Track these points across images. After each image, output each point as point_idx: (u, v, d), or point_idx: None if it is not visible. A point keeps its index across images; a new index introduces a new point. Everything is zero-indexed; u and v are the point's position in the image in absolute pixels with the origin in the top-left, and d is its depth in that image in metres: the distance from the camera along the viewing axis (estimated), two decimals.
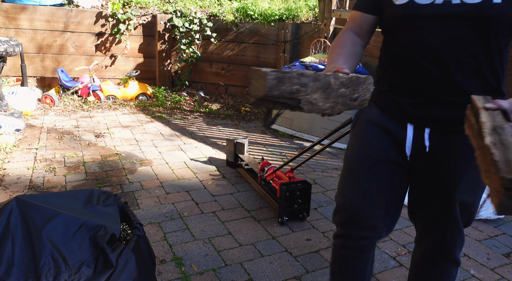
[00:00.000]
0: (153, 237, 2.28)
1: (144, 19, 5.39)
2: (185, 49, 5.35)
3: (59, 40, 5.17)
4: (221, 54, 5.44)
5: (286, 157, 3.67)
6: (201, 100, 5.34)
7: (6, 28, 4.93)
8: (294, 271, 2.04)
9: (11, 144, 3.50)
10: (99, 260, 1.26)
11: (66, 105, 4.87)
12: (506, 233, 2.52)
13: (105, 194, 1.57)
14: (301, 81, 0.88)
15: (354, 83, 1.00)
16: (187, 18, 5.27)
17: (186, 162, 3.42)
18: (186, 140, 4.00)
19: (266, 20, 5.09)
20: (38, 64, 5.19)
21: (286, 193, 2.42)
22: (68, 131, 4.03)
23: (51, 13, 5.04)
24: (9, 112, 4.00)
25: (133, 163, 3.33)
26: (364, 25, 1.28)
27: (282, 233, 2.40)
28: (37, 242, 1.23)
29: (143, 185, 2.94)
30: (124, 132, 4.12)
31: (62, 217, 1.30)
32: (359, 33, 1.29)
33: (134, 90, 5.24)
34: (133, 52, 5.47)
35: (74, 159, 3.34)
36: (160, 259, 2.07)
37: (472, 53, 1.10)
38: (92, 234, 1.30)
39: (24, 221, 1.27)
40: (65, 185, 2.86)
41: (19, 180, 2.90)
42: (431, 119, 1.20)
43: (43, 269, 1.20)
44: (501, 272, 2.12)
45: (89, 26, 5.20)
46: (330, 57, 1.24)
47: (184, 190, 2.91)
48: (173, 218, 2.49)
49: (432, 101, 1.18)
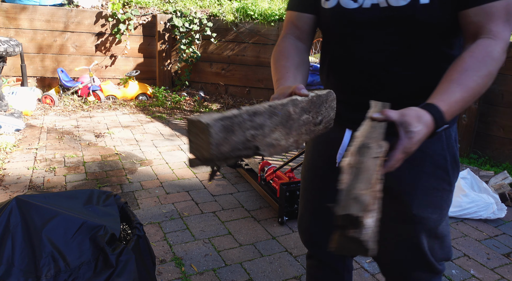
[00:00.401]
0: (153, 237, 2.28)
1: (144, 19, 5.38)
2: (185, 49, 5.35)
3: (59, 40, 5.17)
4: (221, 54, 5.44)
5: (286, 157, 3.67)
6: (201, 100, 5.34)
7: (6, 28, 4.93)
8: (294, 271, 2.04)
9: (11, 144, 3.50)
10: (99, 260, 1.26)
11: (66, 105, 4.87)
12: (506, 233, 2.52)
13: (105, 194, 1.56)
14: (255, 122, 0.67)
15: (316, 104, 0.84)
16: (187, 18, 5.26)
17: (186, 162, 3.42)
18: (186, 140, 3.99)
19: (266, 20, 5.09)
20: (38, 64, 5.19)
21: (286, 193, 2.42)
22: (68, 131, 4.03)
23: (51, 13, 5.04)
24: (9, 112, 4.00)
25: (133, 163, 3.33)
26: (304, 27, 1.13)
27: (282, 233, 2.39)
28: (37, 242, 1.23)
29: (143, 185, 2.94)
30: (124, 132, 4.12)
31: (62, 217, 1.30)
32: (300, 37, 1.14)
33: (134, 90, 5.24)
34: (133, 52, 5.46)
35: (74, 159, 3.34)
36: (160, 259, 2.07)
37: (404, 64, 0.99)
38: (92, 234, 1.30)
39: (24, 221, 1.27)
40: (65, 185, 2.86)
41: (19, 180, 2.90)
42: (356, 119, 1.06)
43: (43, 269, 1.20)
44: (501, 272, 2.12)
45: (89, 26, 5.20)
46: (277, 72, 1.06)
47: (184, 190, 2.91)
48: (173, 218, 2.49)
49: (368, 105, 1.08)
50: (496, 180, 3.01)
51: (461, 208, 2.61)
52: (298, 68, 1.06)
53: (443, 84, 0.86)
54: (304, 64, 1.10)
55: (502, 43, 0.88)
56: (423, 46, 0.97)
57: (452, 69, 0.88)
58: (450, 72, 0.88)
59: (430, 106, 0.81)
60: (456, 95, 0.83)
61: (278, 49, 1.13)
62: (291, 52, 1.10)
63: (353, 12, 0.98)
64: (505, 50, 0.89)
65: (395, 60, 0.99)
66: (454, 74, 0.86)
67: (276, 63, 1.09)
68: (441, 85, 0.86)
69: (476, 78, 0.85)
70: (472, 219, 2.65)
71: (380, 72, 1.01)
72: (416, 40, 0.96)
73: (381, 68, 1.01)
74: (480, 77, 0.85)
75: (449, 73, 0.87)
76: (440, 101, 0.82)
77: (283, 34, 1.15)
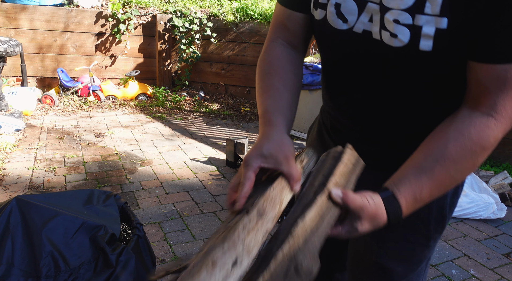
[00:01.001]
0: (153, 237, 2.28)
1: (144, 19, 5.38)
2: (185, 49, 5.35)
3: (59, 40, 5.17)
4: (221, 54, 5.44)
5: None
6: (201, 100, 5.35)
7: (6, 28, 4.93)
8: None
9: (11, 144, 3.50)
10: (99, 260, 1.26)
11: (66, 105, 4.87)
12: (506, 233, 2.52)
13: (105, 194, 1.57)
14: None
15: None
16: (187, 18, 5.27)
17: (186, 162, 3.42)
18: (186, 140, 4.00)
19: (266, 20, 5.09)
20: (38, 64, 5.19)
21: None
22: (68, 131, 4.03)
23: (51, 13, 5.04)
24: (9, 112, 4.00)
25: (133, 163, 3.33)
26: (296, 29, 0.90)
27: None
28: (37, 242, 1.23)
29: (143, 185, 2.94)
30: (124, 132, 4.12)
31: (62, 217, 1.30)
32: (293, 42, 0.91)
33: (134, 90, 5.24)
34: (133, 52, 5.46)
35: (74, 159, 3.34)
36: (160, 259, 2.07)
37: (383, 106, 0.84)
38: (92, 234, 1.30)
39: (24, 221, 1.27)
40: (65, 185, 2.86)
41: (19, 180, 2.90)
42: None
43: (43, 269, 1.20)
44: (501, 272, 2.12)
45: (89, 26, 5.20)
46: (265, 96, 0.85)
47: (184, 190, 2.91)
48: (173, 218, 2.49)
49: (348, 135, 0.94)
50: (496, 180, 3.02)
51: (461, 208, 2.62)
52: (292, 91, 0.86)
53: (414, 169, 0.71)
54: (298, 82, 0.90)
55: (504, 124, 0.69)
56: (410, 92, 0.80)
57: (430, 149, 0.72)
58: (426, 153, 0.72)
59: (392, 203, 0.68)
60: (424, 192, 0.69)
61: (267, 59, 0.91)
62: (283, 65, 0.88)
63: (340, 34, 0.79)
64: (506, 132, 0.71)
65: (374, 101, 0.84)
66: (430, 160, 0.70)
67: (264, 79, 0.88)
68: (411, 168, 0.71)
69: (454, 173, 0.70)
70: (472, 219, 2.65)
71: (357, 108, 0.87)
72: (403, 86, 0.79)
73: (357, 105, 0.87)
74: (460, 172, 0.71)
75: (425, 154, 0.71)
76: (404, 196, 0.69)
77: (272, 37, 0.93)
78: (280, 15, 0.91)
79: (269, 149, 0.72)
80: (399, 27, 0.70)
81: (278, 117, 0.80)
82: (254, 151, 0.72)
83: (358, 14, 0.76)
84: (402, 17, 0.69)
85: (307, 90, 3.89)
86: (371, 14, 0.74)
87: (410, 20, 0.69)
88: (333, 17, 0.79)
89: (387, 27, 0.72)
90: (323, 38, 0.86)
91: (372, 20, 0.74)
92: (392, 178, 0.72)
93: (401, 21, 0.69)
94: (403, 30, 0.70)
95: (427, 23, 0.68)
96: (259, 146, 0.73)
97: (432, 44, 0.68)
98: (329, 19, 0.80)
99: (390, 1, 0.70)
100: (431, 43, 0.68)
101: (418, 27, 0.68)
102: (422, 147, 0.73)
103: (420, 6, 0.67)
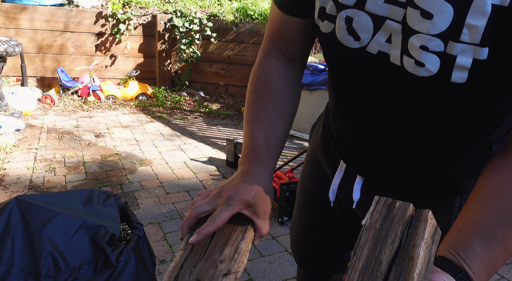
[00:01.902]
0: (153, 237, 2.28)
1: (144, 19, 5.39)
2: (185, 49, 5.35)
3: (59, 40, 5.17)
4: (221, 54, 5.44)
5: (286, 157, 3.67)
6: (201, 100, 5.35)
7: (6, 28, 4.93)
8: (294, 271, 2.04)
9: (11, 144, 3.50)
10: (99, 260, 1.26)
11: (66, 105, 4.87)
12: None
13: (105, 194, 1.57)
14: None
15: None
16: (187, 18, 5.27)
17: (186, 162, 3.42)
18: (186, 140, 4.00)
19: (266, 20, 5.09)
20: (38, 64, 5.19)
21: (286, 193, 2.42)
22: (68, 131, 4.03)
23: (51, 13, 5.04)
24: (9, 112, 4.00)
25: (133, 163, 3.33)
26: (294, 37, 0.79)
27: (282, 233, 2.39)
28: (37, 242, 1.23)
29: (143, 185, 2.94)
30: (124, 132, 4.12)
31: (62, 217, 1.30)
32: (290, 54, 0.81)
33: (134, 90, 5.24)
34: (133, 52, 5.47)
35: (74, 159, 3.34)
36: (160, 259, 2.07)
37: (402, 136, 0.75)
38: (92, 234, 1.30)
39: (24, 221, 1.27)
40: (65, 185, 2.86)
41: (19, 180, 2.90)
42: (364, 167, 0.85)
43: (43, 269, 1.20)
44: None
45: (89, 26, 5.20)
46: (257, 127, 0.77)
47: (184, 190, 2.91)
48: (173, 218, 2.49)
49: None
50: None
51: None
52: (286, 122, 0.79)
53: (481, 237, 0.58)
54: (294, 109, 0.81)
55: None
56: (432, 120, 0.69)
57: (493, 210, 0.59)
58: (490, 215, 0.59)
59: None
60: (498, 266, 0.59)
61: (261, 77, 0.81)
62: (278, 89, 0.79)
63: (351, 54, 0.68)
64: None
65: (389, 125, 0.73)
66: (499, 225, 0.58)
67: (257, 102, 0.79)
68: (478, 238, 0.58)
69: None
70: None
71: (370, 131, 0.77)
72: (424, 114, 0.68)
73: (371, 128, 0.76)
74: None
75: (490, 218, 0.59)
76: (478, 274, 0.57)
77: (267, 49, 0.82)
78: (276, 19, 0.79)
79: (256, 199, 0.67)
80: (428, 55, 0.58)
81: (270, 158, 0.75)
82: (241, 191, 0.67)
83: (373, 32, 0.63)
84: (432, 43, 0.57)
85: (307, 90, 3.89)
86: (390, 33, 0.62)
87: (442, 47, 0.57)
88: (343, 33, 0.66)
89: (412, 54, 0.59)
90: (330, 53, 0.74)
91: (391, 41, 0.62)
92: (453, 247, 0.59)
93: (430, 48, 0.57)
94: (432, 59, 0.58)
95: (463, 52, 0.56)
96: (248, 189, 0.68)
97: (467, 76, 0.57)
98: (338, 34, 0.67)
99: (416, 22, 0.57)
100: (466, 75, 0.57)
101: (452, 57, 0.56)
102: (479, 204, 0.61)
103: (455, 33, 0.55)
